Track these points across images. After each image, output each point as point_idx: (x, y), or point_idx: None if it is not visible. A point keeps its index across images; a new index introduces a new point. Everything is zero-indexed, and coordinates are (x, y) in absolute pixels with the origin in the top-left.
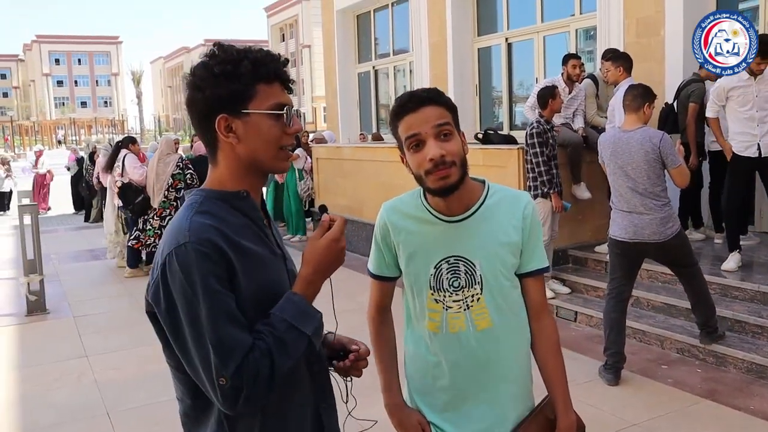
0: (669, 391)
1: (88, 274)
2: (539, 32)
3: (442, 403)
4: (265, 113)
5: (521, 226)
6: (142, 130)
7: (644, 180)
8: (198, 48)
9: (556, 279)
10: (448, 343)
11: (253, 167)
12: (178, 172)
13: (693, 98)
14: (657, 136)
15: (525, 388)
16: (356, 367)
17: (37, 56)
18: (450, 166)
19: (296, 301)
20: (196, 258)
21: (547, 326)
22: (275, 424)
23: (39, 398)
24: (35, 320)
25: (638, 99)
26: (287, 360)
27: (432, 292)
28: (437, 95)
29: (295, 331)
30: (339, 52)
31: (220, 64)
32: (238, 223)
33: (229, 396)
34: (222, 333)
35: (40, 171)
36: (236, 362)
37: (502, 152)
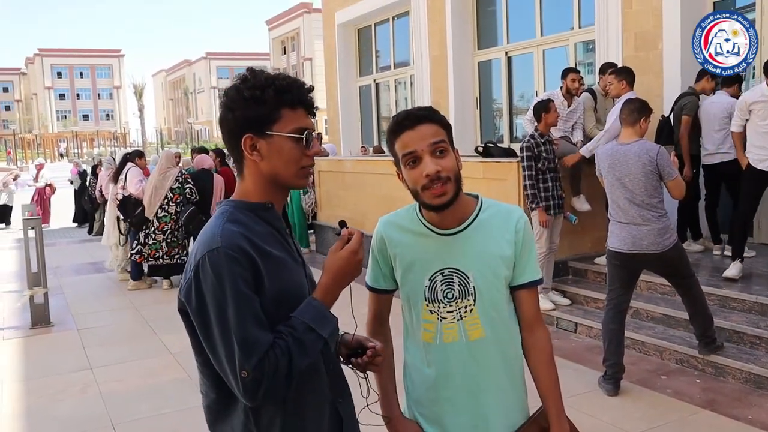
0: (668, 401)
1: (91, 286)
2: (539, 46)
3: (438, 414)
4: (287, 136)
5: (514, 239)
6: (144, 142)
7: (641, 192)
8: (199, 61)
9: (556, 290)
10: (442, 353)
11: (275, 183)
12: (178, 186)
13: (686, 111)
14: (654, 149)
15: (519, 398)
16: (374, 363)
17: (39, 69)
18: (445, 182)
19: (316, 306)
20: (226, 262)
21: (541, 338)
22: (295, 418)
23: (44, 410)
24: (40, 333)
25: (635, 113)
26: (305, 359)
27: (427, 303)
28: (432, 114)
29: (314, 333)
30: (340, 66)
31: (249, 89)
32: (264, 232)
33: (249, 388)
34: (247, 331)
35: (38, 185)
36: (258, 357)
37: (501, 165)
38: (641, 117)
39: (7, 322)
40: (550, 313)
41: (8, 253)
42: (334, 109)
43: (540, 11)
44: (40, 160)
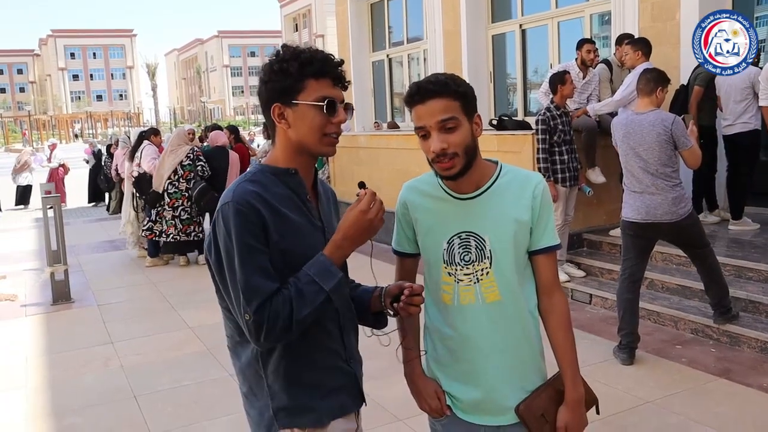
0: (683, 370)
1: (109, 264)
2: (553, 18)
3: (456, 373)
4: (311, 104)
5: (531, 204)
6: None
7: (655, 161)
8: (211, 39)
9: (571, 263)
10: (459, 314)
11: (301, 149)
12: (189, 163)
13: (698, 82)
14: (669, 119)
15: (535, 361)
16: (413, 303)
17: (53, 51)
18: (452, 157)
19: (322, 260)
20: (235, 215)
21: (558, 302)
22: (300, 368)
23: (68, 383)
24: (61, 309)
25: (651, 83)
26: (304, 308)
27: (445, 266)
28: (443, 86)
29: (316, 285)
30: (353, 41)
31: (278, 62)
32: (283, 194)
33: (252, 330)
34: (249, 278)
35: (51, 165)
36: (258, 302)
37: (516, 138)
38: (657, 87)
39: (30, 298)
40: (564, 285)
41: (28, 232)
42: None
43: None
44: (53, 141)
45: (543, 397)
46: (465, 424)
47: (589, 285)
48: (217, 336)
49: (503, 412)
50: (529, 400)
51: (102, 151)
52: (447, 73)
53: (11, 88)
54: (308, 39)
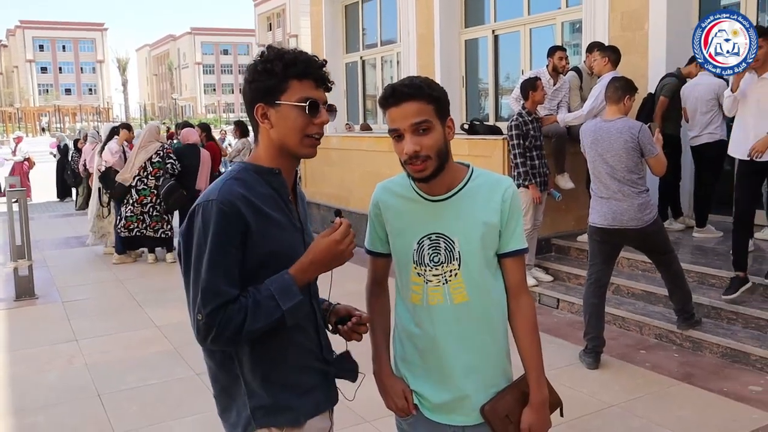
0: (647, 374)
1: (75, 260)
2: (525, 24)
3: (423, 372)
4: (293, 104)
5: (500, 208)
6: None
7: (622, 167)
8: (184, 36)
9: (539, 267)
10: (428, 314)
11: (283, 150)
12: (158, 160)
13: (664, 92)
14: (636, 127)
15: (501, 362)
16: (356, 331)
17: (21, 42)
18: (425, 160)
19: (285, 279)
20: (216, 214)
21: (525, 305)
22: (275, 368)
23: (30, 380)
24: (24, 305)
25: (619, 91)
26: (257, 322)
27: (415, 266)
28: (418, 90)
29: (274, 301)
30: (327, 42)
31: (262, 62)
32: (266, 194)
33: (201, 330)
34: (212, 280)
35: (16, 159)
36: (213, 306)
37: (487, 142)
38: (625, 95)
39: None
40: (532, 289)
41: None
42: None
43: None
44: (18, 133)
45: (508, 398)
46: (431, 424)
47: (556, 290)
48: (183, 335)
49: (469, 413)
50: (495, 401)
51: (69, 146)
52: (422, 76)
53: None
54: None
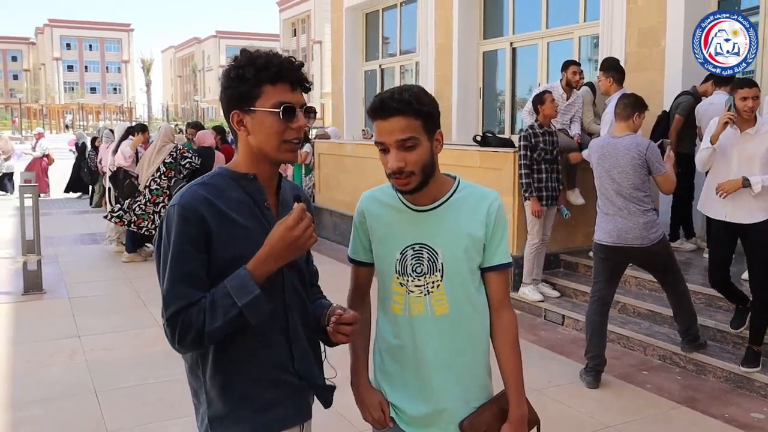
0: (647, 396)
1: (86, 256)
2: (543, 38)
3: (402, 384)
4: (268, 110)
5: (485, 221)
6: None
7: (629, 184)
8: (209, 39)
9: (546, 282)
10: (408, 325)
11: (261, 156)
12: (171, 161)
13: (680, 110)
14: (644, 144)
15: (481, 377)
16: (339, 331)
17: (49, 40)
18: (408, 175)
19: (241, 275)
20: (177, 219)
21: (507, 320)
22: (233, 376)
23: (30, 375)
24: (31, 299)
25: (628, 108)
26: (215, 321)
27: (397, 276)
28: (407, 105)
29: (230, 299)
30: (347, 50)
31: (235, 68)
32: (237, 199)
33: (167, 334)
34: (172, 284)
35: (35, 154)
36: (173, 309)
37: (498, 155)
38: (635, 112)
39: (0, 287)
40: (538, 305)
41: (7, 220)
42: (338, 93)
43: (546, 3)
44: (39, 130)
45: (487, 414)
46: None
47: (562, 306)
48: None
49: (446, 427)
50: (474, 416)
51: (87, 144)
52: (414, 87)
53: (4, 74)
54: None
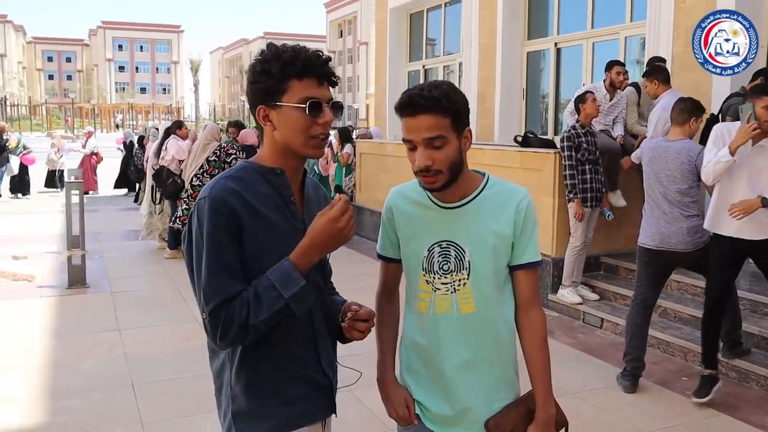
0: (686, 402)
1: (129, 252)
2: (588, 38)
3: (427, 382)
4: (294, 106)
5: (514, 219)
6: (197, 118)
7: (675, 189)
8: (257, 40)
9: (586, 285)
10: (434, 323)
11: (287, 151)
12: (214, 159)
13: (729, 113)
14: (695, 150)
15: (507, 377)
16: (354, 327)
17: (102, 42)
18: (436, 174)
19: (285, 266)
20: (208, 211)
21: (534, 319)
22: (258, 374)
23: (70, 366)
24: (75, 293)
25: (685, 113)
26: (261, 313)
27: (424, 273)
28: (435, 103)
29: (275, 291)
30: (390, 50)
31: (261, 63)
32: (265, 193)
33: (208, 330)
34: (212, 277)
35: (84, 152)
36: (215, 303)
37: (538, 155)
38: (691, 117)
39: (46, 280)
40: (576, 307)
41: (56, 216)
42: (382, 93)
43: (592, 3)
44: (89, 128)
45: (513, 414)
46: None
47: (601, 309)
48: None
49: (471, 426)
50: (500, 416)
51: (134, 142)
52: (444, 83)
53: (59, 75)
54: (352, 45)
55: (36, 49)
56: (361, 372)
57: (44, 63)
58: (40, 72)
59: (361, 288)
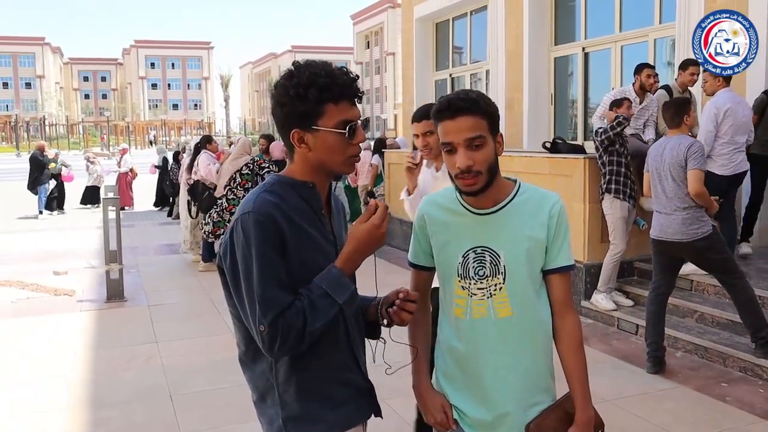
0: (725, 409)
1: (165, 266)
2: (617, 42)
3: (464, 387)
4: (332, 130)
5: (547, 223)
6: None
7: (670, 182)
8: (285, 54)
9: (620, 291)
10: (470, 328)
11: (321, 168)
12: (248, 172)
13: (753, 109)
14: (686, 143)
15: (544, 380)
16: (404, 308)
17: (135, 60)
18: (476, 174)
19: (334, 273)
20: (255, 226)
21: (570, 323)
22: (310, 379)
23: (109, 377)
24: (113, 306)
25: (676, 117)
26: (318, 320)
27: (459, 280)
28: (473, 104)
29: (328, 298)
30: (417, 60)
31: (294, 87)
32: (300, 207)
33: (266, 341)
34: (266, 289)
35: (121, 170)
36: (273, 314)
37: (568, 161)
38: (682, 116)
39: (86, 294)
40: (611, 314)
41: (95, 231)
42: (409, 102)
43: (620, 6)
44: (124, 145)
45: (552, 417)
46: None
47: (636, 315)
48: None
49: (510, 431)
50: (540, 419)
51: (168, 159)
52: (475, 90)
53: (94, 94)
54: (379, 56)
55: (72, 69)
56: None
57: (80, 83)
58: (76, 92)
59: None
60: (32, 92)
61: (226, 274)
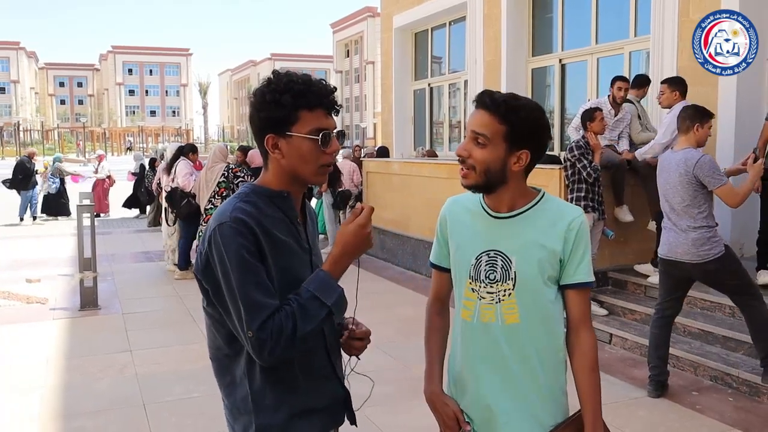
0: (695, 417)
1: (140, 274)
2: (593, 54)
3: (474, 394)
4: (305, 136)
5: (565, 236)
6: (206, 139)
7: (678, 200)
8: (264, 62)
9: (594, 300)
10: (477, 332)
11: (294, 177)
12: (223, 180)
13: (767, 117)
14: (693, 158)
15: (552, 394)
16: (349, 345)
17: (112, 66)
18: (470, 167)
19: (321, 276)
20: (231, 234)
21: (585, 341)
22: (285, 388)
23: (82, 387)
24: (87, 315)
25: (687, 120)
26: (308, 324)
27: (470, 281)
28: (495, 105)
29: (317, 300)
30: (396, 69)
31: (271, 92)
32: (274, 216)
33: (256, 347)
34: (248, 294)
35: (99, 176)
36: (261, 319)
37: (544, 172)
38: (694, 124)
39: (59, 303)
40: None
41: (69, 239)
42: (388, 112)
43: (596, 19)
44: (100, 152)
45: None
46: None
47: (610, 324)
48: None
49: None
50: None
51: (145, 165)
52: (531, 102)
53: (71, 99)
54: (359, 65)
55: (48, 74)
56: (373, 383)
57: (56, 88)
58: (52, 97)
59: (367, 306)
60: (6, 97)
61: (204, 283)
